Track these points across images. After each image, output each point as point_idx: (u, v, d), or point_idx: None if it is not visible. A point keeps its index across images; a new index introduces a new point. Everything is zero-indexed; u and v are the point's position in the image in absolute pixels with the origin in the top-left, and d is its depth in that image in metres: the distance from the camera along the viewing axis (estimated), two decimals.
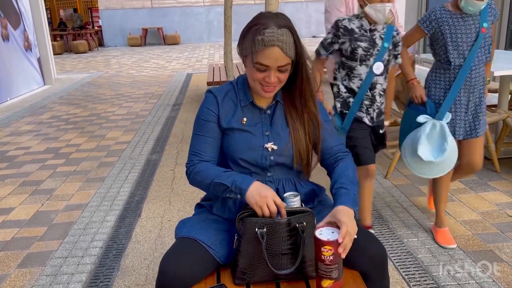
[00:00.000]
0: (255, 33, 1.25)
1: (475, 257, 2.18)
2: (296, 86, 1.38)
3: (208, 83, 5.49)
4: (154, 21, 17.76)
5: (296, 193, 1.34)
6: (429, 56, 4.02)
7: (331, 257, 1.15)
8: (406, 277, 2.05)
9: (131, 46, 17.38)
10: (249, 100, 1.40)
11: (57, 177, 3.52)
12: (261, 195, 1.23)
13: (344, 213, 1.21)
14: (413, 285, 1.99)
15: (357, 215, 1.32)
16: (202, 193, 1.55)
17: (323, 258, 1.16)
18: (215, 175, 1.33)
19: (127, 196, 3.09)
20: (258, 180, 1.30)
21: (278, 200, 1.24)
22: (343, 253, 1.15)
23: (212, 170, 1.36)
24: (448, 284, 1.98)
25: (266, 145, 1.38)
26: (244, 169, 1.40)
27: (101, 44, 17.83)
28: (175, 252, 1.31)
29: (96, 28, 18.79)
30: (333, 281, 1.17)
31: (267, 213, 1.23)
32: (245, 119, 1.40)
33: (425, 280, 2.02)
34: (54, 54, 9.42)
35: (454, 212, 2.66)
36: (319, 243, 1.16)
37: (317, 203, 1.48)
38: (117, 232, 2.59)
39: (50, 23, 13.85)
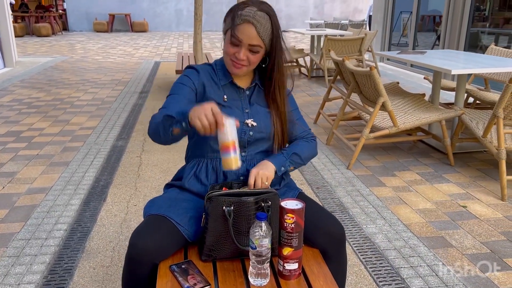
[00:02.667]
0: (237, 8, 1.37)
1: (427, 242, 2.33)
2: (268, 73, 1.47)
3: (177, 72, 5.46)
4: (122, 7, 17.35)
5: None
6: (391, 53, 4.18)
7: (293, 225, 1.24)
8: (363, 260, 2.16)
9: (97, 31, 16.93)
10: (228, 80, 1.48)
11: (19, 161, 3.45)
12: (199, 108, 1.18)
13: (260, 164, 1.43)
14: (370, 268, 2.10)
15: (283, 170, 1.49)
16: (168, 179, 1.59)
17: (285, 225, 1.24)
18: (165, 111, 1.33)
19: (92, 181, 3.07)
20: None
21: (216, 108, 1.18)
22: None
23: (166, 112, 1.34)
24: (402, 267, 2.10)
25: (247, 121, 1.46)
26: None
27: (65, 28, 17.26)
28: (145, 228, 1.35)
29: (60, 11, 18.14)
30: (292, 249, 1.25)
31: (205, 123, 1.16)
32: (225, 96, 1.47)
33: (381, 263, 2.14)
34: (15, 37, 9.06)
35: (410, 202, 2.81)
36: (282, 211, 1.25)
37: (283, 185, 1.55)
38: (81, 215, 2.58)
39: (11, 3, 13.31)
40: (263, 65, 1.47)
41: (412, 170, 3.32)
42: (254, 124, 1.46)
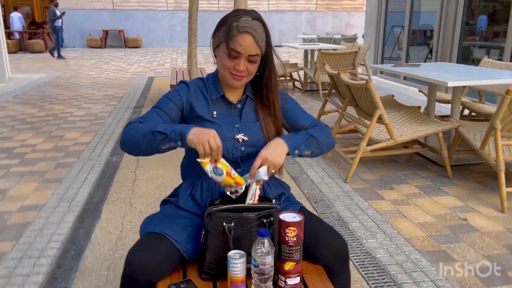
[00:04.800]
0: (231, 20, 1.33)
1: (429, 257, 2.29)
2: (264, 80, 1.44)
3: (172, 86, 5.44)
4: (116, 23, 17.42)
5: (242, 253, 1.21)
6: (386, 66, 4.20)
7: (294, 238, 1.20)
8: (365, 276, 2.12)
9: (91, 47, 16.95)
10: (219, 94, 1.45)
11: (11, 178, 3.38)
12: (203, 132, 1.23)
13: (270, 144, 1.34)
14: (372, 284, 2.06)
15: (297, 153, 1.39)
16: (164, 195, 1.55)
17: (287, 239, 1.20)
18: (153, 126, 1.31)
19: (86, 198, 3.01)
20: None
21: (218, 140, 1.24)
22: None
23: (150, 124, 1.34)
24: (405, 283, 2.06)
25: (237, 136, 1.42)
26: None
27: None
28: (142, 246, 1.30)
29: None
30: (294, 263, 1.21)
31: (207, 149, 1.22)
32: (215, 112, 1.43)
33: (383, 279, 2.09)
34: (8, 53, 9.02)
35: (410, 215, 2.78)
36: (283, 225, 1.21)
37: (283, 199, 1.51)
38: (75, 233, 2.51)
39: (4, 20, 13.32)
40: (257, 73, 1.44)
41: (410, 183, 3.30)
42: (245, 138, 1.42)
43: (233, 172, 1.30)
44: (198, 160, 1.26)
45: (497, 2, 6.71)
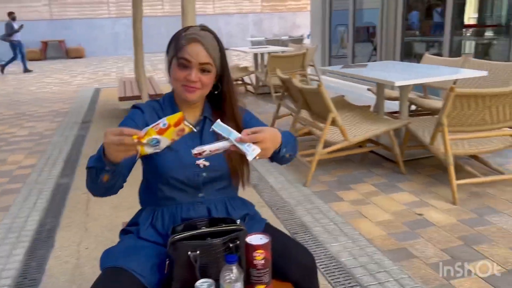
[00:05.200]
0: (180, 32, 1.34)
1: (391, 255, 2.34)
2: (224, 97, 1.40)
3: (121, 98, 5.27)
4: (55, 33, 16.68)
5: (210, 281, 1.14)
6: (334, 68, 4.28)
7: (263, 261, 1.18)
8: (332, 281, 2.13)
9: (30, 60, 16.09)
10: None
11: None
12: (106, 137, 1.09)
13: (271, 130, 1.19)
14: None
15: (284, 152, 1.29)
16: (121, 216, 1.47)
17: (255, 263, 1.18)
18: (88, 164, 1.22)
19: (36, 226, 2.84)
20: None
21: (117, 130, 1.09)
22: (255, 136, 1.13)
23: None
24: (370, 284, 2.09)
25: (198, 162, 1.36)
26: (175, 188, 1.36)
27: None
28: (103, 283, 1.22)
29: None
30: (264, 285, 1.20)
31: (117, 143, 1.07)
32: None
33: (350, 283, 2.12)
34: None
35: (369, 214, 2.83)
36: (251, 248, 1.18)
37: (248, 219, 1.48)
38: (27, 266, 2.36)
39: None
40: (216, 92, 1.40)
41: (366, 182, 3.37)
42: (206, 164, 1.36)
43: (162, 123, 1.08)
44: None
45: None
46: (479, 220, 2.68)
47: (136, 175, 1.44)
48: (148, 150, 1.09)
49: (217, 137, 1.18)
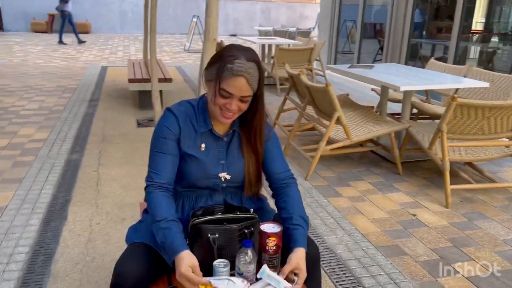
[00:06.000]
0: (225, 61, 1.32)
1: (384, 251, 2.50)
2: (252, 122, 1.46)
3: (130, 80, 5.38)
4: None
5: (226, 261, 1.31)
6: (341, 67, 4.40)
7: (274, 247, 1.34)
8: (328, 271, 2.29)
9: (36, 32, 16.11)
10: (208, 127, 1.46)
11: None
12: (185, 279, 1.24)
13: (303, 258, 1.36)
14: (334, 278, 2.23)
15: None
16: (130, 196, 1.59)
17: (267, 249, 1.34)
18: (159, 217, 1.34)
19: (49, 199, 2.98)
20: (186, 250, 1.29)
21: (197, 271, 1.26)
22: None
23: (158, 211, 1.36)
24: (363, 276, 2.26)
25: (220, 175, 1.48)
26: (197, 189, 1.51)
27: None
28: (130, 256, 1.37)
29: None
30: (273, 269, 1.35)
31: None
32: (203, 145, 1.46)
33: (344, 273, 2.28)
34: None
35: (366, 211, 2.99)
36: (264, 236, 1.33)
37: (260, 210, 1.63)
38: (43, 236, 2.51)
39: None
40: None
41: (365, 180, 3.53)
42: (228, 177, 1.48)
43: None
44: None
45: None
46: (468, 224, 2.85)
47: (145, 157, 1.53)
48: None
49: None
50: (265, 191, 1.65)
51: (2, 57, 9.72)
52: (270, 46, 7.69)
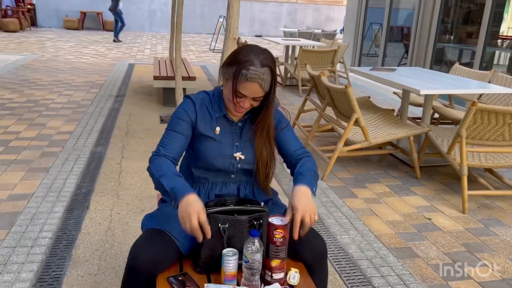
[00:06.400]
0: (241, 66, 1.41)
1: (396, 253, 2.52)
2: (261, 115, 1.56)
3: (155, 77, 5.51)
4: (94, 5, 17.05)
5: (235, 251, 1.37)
6: (363, 70, 4.40)
7: (281, 239, 1.38)
8: (338, 269, 2.33)
9: (67, 28, 16.58)
10: (222, 113, 1.58)
11: None
12: (187, 211, 1.32)
13: (301, 195, 1.43)
14: (344, 277, 2.27)
15: (314, 192, 1.53)
16: (150, 188, 1.68)
17: (274, 240, 1.39)
18: (163, 173, 1.44)
19: (73, 188, 3.11)
20: (193, 193, 1.37)
21: (203, 217, 1.33)
22: (302, 231, 1.42)
23: (164, 167, 1.46)
24: (373, 276, 2.28)
25: (235, 155, 1.57)
26: (212, 171, 1.57)
27: (33, 23, 16.81)
28: (145, 241, 1.45)
29: (28, 6, 17.65)
30: (280, 260, 1.40)
31: (188, 231, 1.33)
32: (218, 128, 1.57)
33: (355, 273, 2.31)
34: None
35: (380, 213, 3.00)
36: (272, 228, 1.38)
37: (270, 204, 1.69)
38: (66, 223, 2.63)
39: None
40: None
41: (381, 183, 3.53)
42: (242, 157, 1.58)
43: None
44: None
45: (472, 3, 6.97)
46: (484, 230, 2.83)
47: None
48: None
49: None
50: (277, 186, 1.70)
51: (35, 52, 10.06)
52: (294, 47, 7.72)
